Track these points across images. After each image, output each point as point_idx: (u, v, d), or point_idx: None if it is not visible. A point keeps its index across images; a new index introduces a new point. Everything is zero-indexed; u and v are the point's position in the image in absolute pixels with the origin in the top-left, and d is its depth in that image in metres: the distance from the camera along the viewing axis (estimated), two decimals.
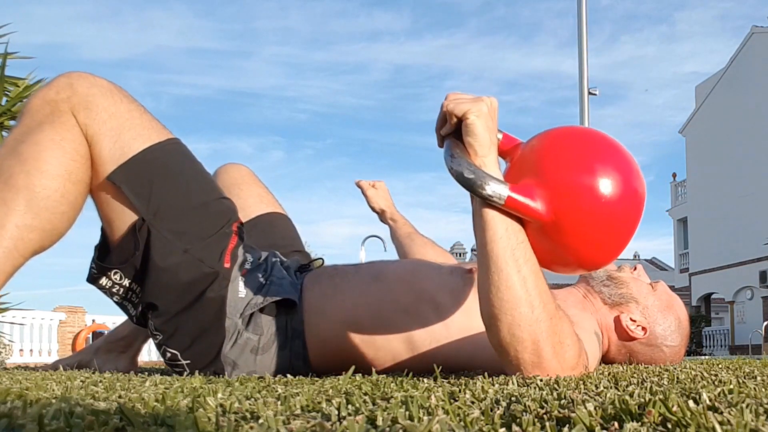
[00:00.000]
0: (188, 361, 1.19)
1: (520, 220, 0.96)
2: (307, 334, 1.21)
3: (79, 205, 1.12)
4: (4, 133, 3.49)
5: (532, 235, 0.96)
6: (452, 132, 0.98)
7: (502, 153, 1.03)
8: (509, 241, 0.94)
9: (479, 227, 0.96)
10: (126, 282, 1.17)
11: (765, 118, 18.40)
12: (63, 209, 1.08)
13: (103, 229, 1.20)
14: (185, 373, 1.20)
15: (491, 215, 0.95)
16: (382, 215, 1.87)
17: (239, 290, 1.18)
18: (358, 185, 1.90)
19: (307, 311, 1.22)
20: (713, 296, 21.74)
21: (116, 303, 1.23)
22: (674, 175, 23.30)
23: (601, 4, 39.05)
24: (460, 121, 0.96)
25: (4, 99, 3.60)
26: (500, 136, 1.02)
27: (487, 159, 0.96)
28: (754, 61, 19.08)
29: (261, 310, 1.19)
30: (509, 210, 0.94)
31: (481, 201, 0.95)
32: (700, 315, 20.40)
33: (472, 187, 0.94)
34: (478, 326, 1.19)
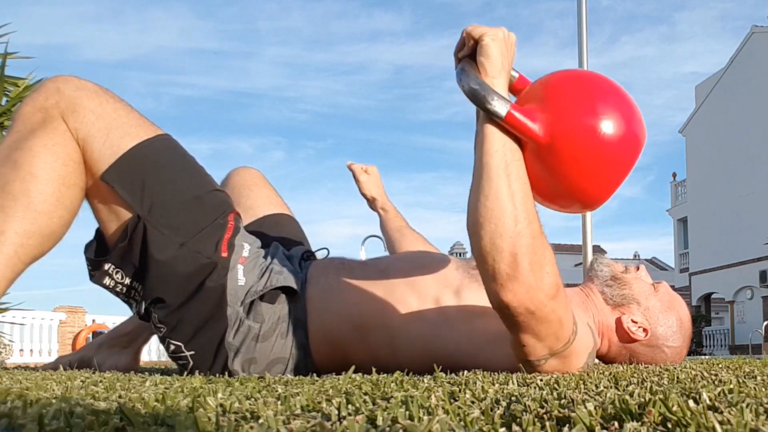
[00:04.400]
0: (192, 352, 1.19)
1: (519, 143, 1.00)
2: (310, 325, 1.22)
3: (75, 208, 1.14)
4: (4, 133, 3.49)
5: (529, 159, 1.01)
6: (468, 55, 1.03)
7: (516, 91, 1.09)
8: (504, 156, 0.98)
9: (479, 141, 1.01)
10: (127, 280, 1.18)
11: (765, 118, 18.40)
12: (60, 213, 1.10)
13: (98, 230, 1.21)
14: (190, 365, 1.20)
15: (491, 130, 0.99)
16: (372, 203, 1.80)
17: (239, 278, 1.19)
18: (350, 168, 1.82)
19: (311, 302, 1.23)
20: (713, 296, 21.74)
21: (122, 300, 1.24)
22: (674, 175, 23.30)
23: (602, 4, 39.05)
24: (477, 43, 1.01)
25: (4, 99, 3.60)
26: (516, 75, 1.09)
27: (496, 80, 1.00)
28: (754, 61, 19.08)
29: (261, 298, 1.20)
30: (508, 126, 0.98)
31: (484, 117, 1.00)
32: (700, 315, 20.40)
33: (476, 98, 0.98)
34: (480, 326, 1.19)
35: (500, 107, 0.97)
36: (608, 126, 0.98)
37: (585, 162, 0.98)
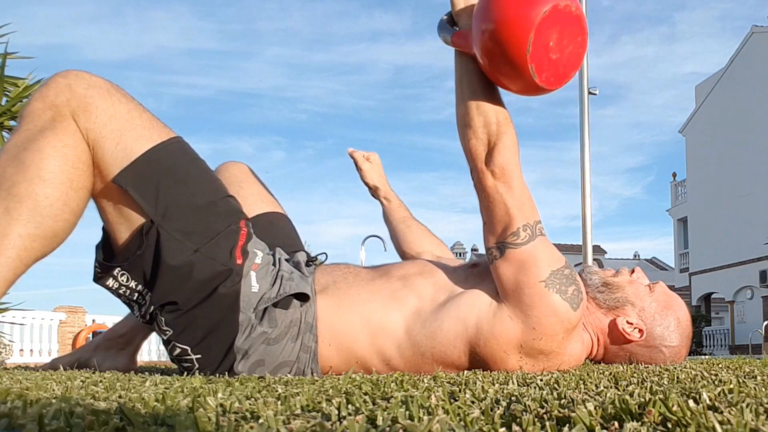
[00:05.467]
0: (199, 356, 1.19)
1: (473, 60, 1.24)
2: (320, 328, 1.23)
3: (81, 211, 1.12)
4: (4, 133, 3.49)
5: (483, 68, 1.23)
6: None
7: None
8: (461, 71, 1.28)
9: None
10: (133, 284, 1.17)
11: (765, 118, 18.40)
12: (65, 217, 1.08)
13: (105, 230, 1.20)
14: (195, 368, 1.20)
15: (455, 57, 1.29)
16: (375, 192, 1.77)
17: (252, 285, 1.19)
18: (351, 155, 1.79)
19: (321, 306, 1.24)
20: (713, 296, 21.74)
21: (123, 302, 1.23)
22: (674, 175, 23.31)
23: (602, 4, 39.05)
24: None
25: (4, 99, 3.60)
26: None
27: (459, 8, 1.27)
28: (754, 61, 19.08)
29: (275, 305, 1.20)
30: (458, 47, 1.28)
31: (455, 51, 1.29)
32: (700, 315, 20.40)
33: (440, 36, 1.32)
34: (480, 326, 1.20)
35: (448, 35, 1.29)
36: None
37: (496, 40, 1.15)
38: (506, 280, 1.19)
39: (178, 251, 1.13)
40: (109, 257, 1.19)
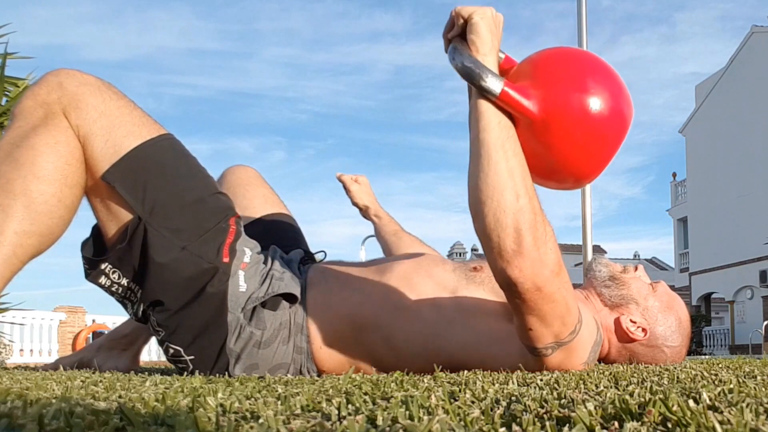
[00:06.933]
0: (192, 357, 1.19)
1: (512, 120, 1.02)
2: (311, 330, 1.22)
3: (75, 207, 1.13)
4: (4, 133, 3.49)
5: (522, 136, 1.02)
6: (458, 35, 1.05)
7: (502, 71, 1.08)
8: (501, 133, 0.99)
9: (473, 119, 1.02)
10: (125, 281, 1.17)
11: (765, 118, 18.39)
12: (60, 213, 1.09)
13: (94, 227, 1.20)
14: (189, 369, 1.20)
15: (486, 107, 1.01)
16: (365, 212, 1.80)
17: (240, 284, 1.18)
18: (340, 179, 1.81)
19: (312, 307, 1.23)
20: (713, 296, 21.73)
21: (117, 300, 1.23)
22: (674, 175, 23.30)
23: (602, 5, 39.07)
24: (466, 23, 1.03)
25: (5, 99, 3.60)
26: (502, 56, 1.08)
27: (487, 58, 1.02)
28: (754, 61, 19.07)
29: (263, 305, 1.19)
30: (503, 104, 1.00)
31: (478, 94, 1.01)
32: (700, 315, 20.40)
33: (471, 76, 1.00)
34: (484, 325, 1.19)
35: (495, 85, 0.99)
36: (599, 101, 1.01)
37: (578, 137, 1.01)
38: (550, 365, 1.12)
39: (166, 248, 1.13)
40: (100, 254, 1.18)
